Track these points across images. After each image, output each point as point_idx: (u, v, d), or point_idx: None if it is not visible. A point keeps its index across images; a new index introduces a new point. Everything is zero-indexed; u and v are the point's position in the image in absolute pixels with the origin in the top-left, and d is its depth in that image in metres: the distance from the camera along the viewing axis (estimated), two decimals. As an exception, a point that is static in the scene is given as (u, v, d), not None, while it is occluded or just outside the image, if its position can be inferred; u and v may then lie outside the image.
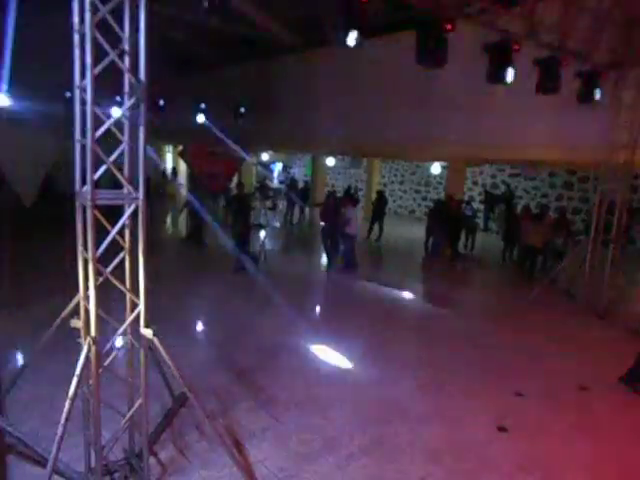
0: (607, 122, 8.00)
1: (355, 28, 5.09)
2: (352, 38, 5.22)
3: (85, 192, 3.06)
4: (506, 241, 12.96)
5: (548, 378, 5.95)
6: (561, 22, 6.71)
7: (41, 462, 3.62)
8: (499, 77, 6.28)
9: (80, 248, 3.24)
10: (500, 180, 18.09)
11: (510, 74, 6.25)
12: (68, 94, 12.89)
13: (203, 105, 16.40)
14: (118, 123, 3.25)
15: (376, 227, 15.02)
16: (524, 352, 6.77)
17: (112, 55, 3.07)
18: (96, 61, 2.95)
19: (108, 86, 3.58)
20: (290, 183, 19.83)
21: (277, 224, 17.43)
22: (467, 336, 7.30)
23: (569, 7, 6.72)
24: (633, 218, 13.98)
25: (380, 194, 15.60)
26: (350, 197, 13.70)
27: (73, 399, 3.15)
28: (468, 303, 9.79)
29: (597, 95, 7.41)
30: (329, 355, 6.32)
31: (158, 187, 22.41)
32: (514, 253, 12.60)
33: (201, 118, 15.43)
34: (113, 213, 3.36)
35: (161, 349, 3.48)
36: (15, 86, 12.52)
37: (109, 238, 3.23)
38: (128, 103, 3.17)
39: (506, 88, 6.49)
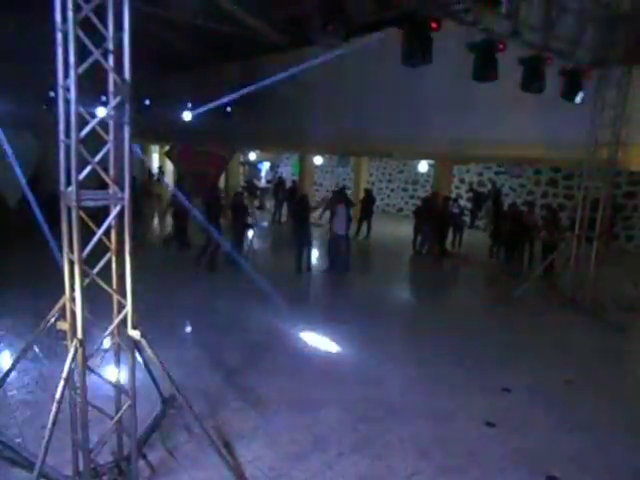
0: (590, 120, 8.10)
1: (339, 26, 5.11)
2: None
3: (70, 193, 3.03)
4: (494, 238, 13.06)
5: (534, 373, 6.02)
6: (544, 21, 6.78)
7: (28, 466, 3.59)
8: (484, 75, 6.33)
9: (66, 249, 3.21)
10: (487, 178, 18.24)
11: (495, 74, 6.31)
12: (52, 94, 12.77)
13: (189, 104, 16.30)
14: (103, 122, 3.22)
15: (364, 226, 15.06)
16: (510, 348, 6.84)
17: (96, 54, 3.04)
18: (80, 60, 2.92)
19: (92, 86, 3.55)
20: (278, 182, 19.79)
21: (265, 223, 17.40)
22: (454, 333, 7.35)
23: (552, 6, 6.79)
24: (616, 215, 14.20)
25: (368, 192, 15.63)
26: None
27: (60, 402, 3.12)
28: (455, 300, 9.88)
29: (580, 93, 7.50)
30: (318, 354, 6.33)
31: (145, 187, 22.25)
32: (501, 250, 12.71)
33: (187, 117, 15.33)
34: (99, 214, 3.33)
35: (149, 350, 3.46)
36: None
37: (95, 239, 3.20)
38: (113, 102, 3.14)
39: (490, 86, 6.55)
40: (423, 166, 17.89)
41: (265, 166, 26.30)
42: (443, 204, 13.13)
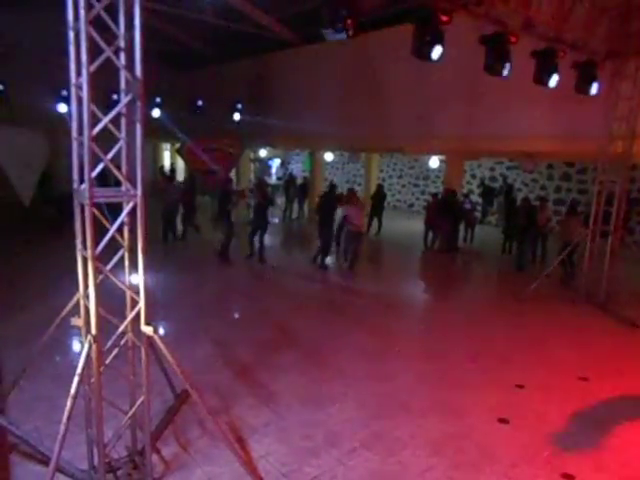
0: (604, 113, 7.98)
1: (349, 21, 5.09)
2: (437, 52, 5.54)
3: (83, 190, 3.05)
4: (506, 234, 12.94)
5: (548, 369, 5.96)
6: (558, 13, 6.68)
7: (44, 460, 3.63)
8: (496, 69, 6.26)
9: (79, 246, 3.23)
10: (498, 173, 18.08)
11: (507, 67, 6.23)
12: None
13: (200, 102, 16.37)
14: (115, 120, 3.23)
15: (375, 222, 15.01)
16: (524, 344, 6.79)
17: (108, 52, 3.05)
18: (92, 58, 2.93)
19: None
20: (288, 179, 19.78)
21: (276, 220, 17.42)
22: (467, 328, 7.32)
23: (566, -2, 6.70)
24: (632, 209, 13.99)
25: (379, 188, 15.57)
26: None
27: (75, 397, 3.15)
28: (468, 296, 9.81)
29: (594, 86, 7.41)
30: (329, 350, 6.33)
31: (156, 185, 22.36)
32: (514, 246, 12.59)
33: (198, 115, 15.42)
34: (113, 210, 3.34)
35: (162, 346, 3.48)
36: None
37: (108, 236, 3.22)
38: (124, 100, 3.16)
39: (503, 80, 6.47)
40: (434, 162, 17.77)
41: (276, 163, 26.28)
42: (452, 199, 13.03)
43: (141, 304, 3.40)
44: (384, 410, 4.87)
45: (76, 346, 5.82)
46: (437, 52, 5.68)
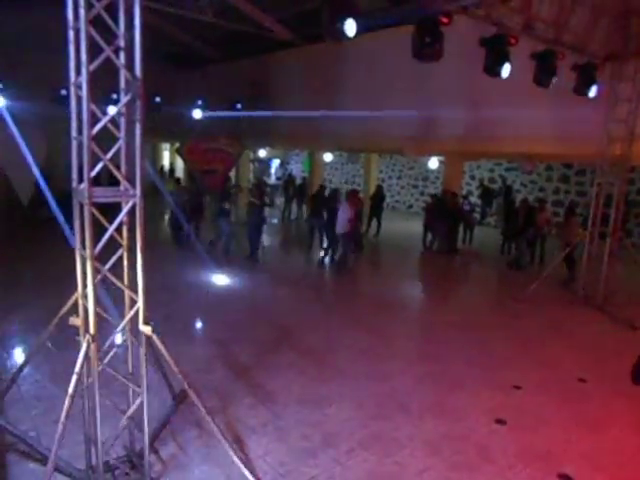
0: (604, 114, 7.99)
1: (349, 18, 5.10)
2: (350, 27, 5.23)
3: (82, 190, 3.05)
4: (505, 235, 12.94)
5: (546, 370, 5.97)
6: (557, 15, 6.70)
7: (42, 460, 3.63)
8: (496, 70, 6.27)
9: (78, 246, 3.23)
10: (498, 175, 18.09)
11: (506, 69, 6.24)
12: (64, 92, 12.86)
13: (200, 102, 16.35)
14: (114, 120, 3.23)
15: (374, 222, 15.00)
16: (522, 345, 6.80)
17: (107, 51, 3.05)
18: (91, 58, 2.93)
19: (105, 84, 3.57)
20: (288, 179, 19.78)
21: (275, 220, 17.42)
22: (465, 330, 7.32)
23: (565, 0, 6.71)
24: (630, 211, 14.02)
25: (378, 188, 15.56)
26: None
27: (73, 397, 3.15)
28: (466, 297, 9.82)
29: (593, 88, 7.42)
30: (327, 351, 6.33)
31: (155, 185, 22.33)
32: (512, 247, 12.60)
33: (198, 114, 15.38)
34: (113, 210, 3.34)
35: (160, 346, 3.48)
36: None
37: (107, 235, 3.22)
38: (124, 99, 3.16)
39: (503, 81, 6.48)
40: (433, 163, 17.77)
41: (275, 163, 26.29)
42: (453, 201, 13.05)
43: (139, 304, 3.40)
44: (382, 410, 4.88)
45: (74, 345, 5.81)
46: (437, 53, 5.67)
